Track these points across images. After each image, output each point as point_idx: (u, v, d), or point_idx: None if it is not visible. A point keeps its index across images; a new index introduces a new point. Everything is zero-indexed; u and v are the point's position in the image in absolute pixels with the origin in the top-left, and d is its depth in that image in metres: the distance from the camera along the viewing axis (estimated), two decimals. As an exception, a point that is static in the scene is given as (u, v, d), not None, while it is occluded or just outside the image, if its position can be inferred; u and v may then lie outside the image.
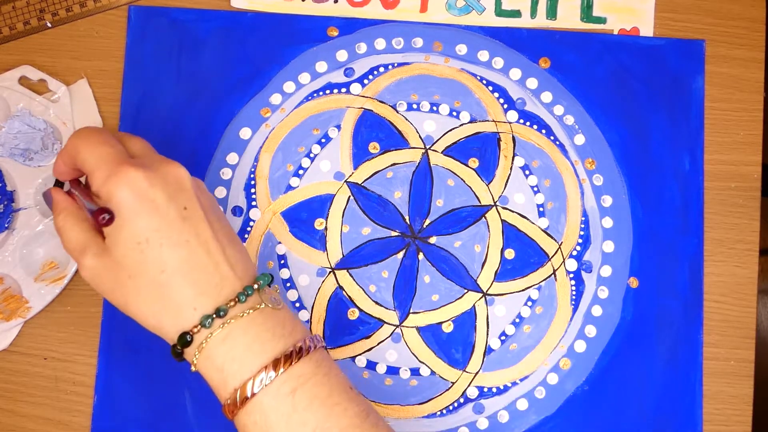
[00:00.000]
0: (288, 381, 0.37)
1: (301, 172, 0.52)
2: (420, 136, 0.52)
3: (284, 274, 0.51)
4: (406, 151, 0.52)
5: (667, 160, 0.52)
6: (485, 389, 0.50)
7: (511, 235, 0.52)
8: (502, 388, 0.51)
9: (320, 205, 0.52)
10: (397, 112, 0.53)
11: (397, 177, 0.52)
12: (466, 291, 0.51)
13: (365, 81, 0.53)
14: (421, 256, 0.51)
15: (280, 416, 0.36)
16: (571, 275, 0.52)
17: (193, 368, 0.38)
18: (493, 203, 0.52)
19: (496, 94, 0.53)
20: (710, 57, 0.54)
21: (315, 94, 0.53)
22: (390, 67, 0.53)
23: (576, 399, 0.50)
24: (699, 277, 0.52)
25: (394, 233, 0.52)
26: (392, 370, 0.51)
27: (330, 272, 0.51)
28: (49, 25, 0.53)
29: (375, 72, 0.53)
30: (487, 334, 0.51)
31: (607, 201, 0.52)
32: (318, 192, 0.52)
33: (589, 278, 0.52)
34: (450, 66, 0.53)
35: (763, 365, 0.55)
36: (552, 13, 0.54)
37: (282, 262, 0.51)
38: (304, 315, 0.51)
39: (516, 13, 0.54)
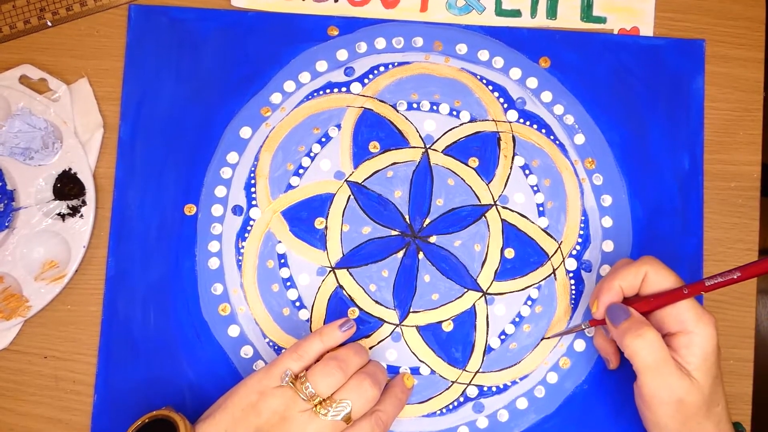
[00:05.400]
0: None
1: (301, 171, 0.52)
2: (420, 136, 0.52)
3: (284, 273, 0.51)
4: (406, 151, 0.52)
5: (666, 160, 0.53)
6: (485, 388, 0.50)
7: (511, 234, 0.52)
8: (501, 387, 0.51)
9: (320, 204, 0.52)
10: (397, 111, 0.53)
11: (397, 176, 0.52)
12: (466, 290, 0.51)
13: (365, 80, 0.53)
14: (421, 255, 0.51)
15: None
16: (571, 274, 0.52)
17: None
18: (493, 202, 0.52)
19: (496, 94, 0.53)
20: (710, 57, 0.54)
21: (315, 94, 0.53)
22: (390, 66, 0.53)
23: (575, 398, 0.50)
24: (699, 276, 0.52)
25: (394, 232, 0.52)
26: (392, 369, 0.51)
27: (330, 271, 0.51)
28: (49, 24, 0.53)
29: (375, 71, 0.53)
30: (487, 333, 0.51)
31: (607, 200, 0.52)
32: (318, 191, 0.52)
33: (588, 277, 0.52)
34: (450, 65, 0.53)
35: (762, 365, 0.55)
36: (552, 12, 0.54)
37: (282, 261, 0.51)
38: (304, 314, 0.51)
39: (516, 13, 0.54)
